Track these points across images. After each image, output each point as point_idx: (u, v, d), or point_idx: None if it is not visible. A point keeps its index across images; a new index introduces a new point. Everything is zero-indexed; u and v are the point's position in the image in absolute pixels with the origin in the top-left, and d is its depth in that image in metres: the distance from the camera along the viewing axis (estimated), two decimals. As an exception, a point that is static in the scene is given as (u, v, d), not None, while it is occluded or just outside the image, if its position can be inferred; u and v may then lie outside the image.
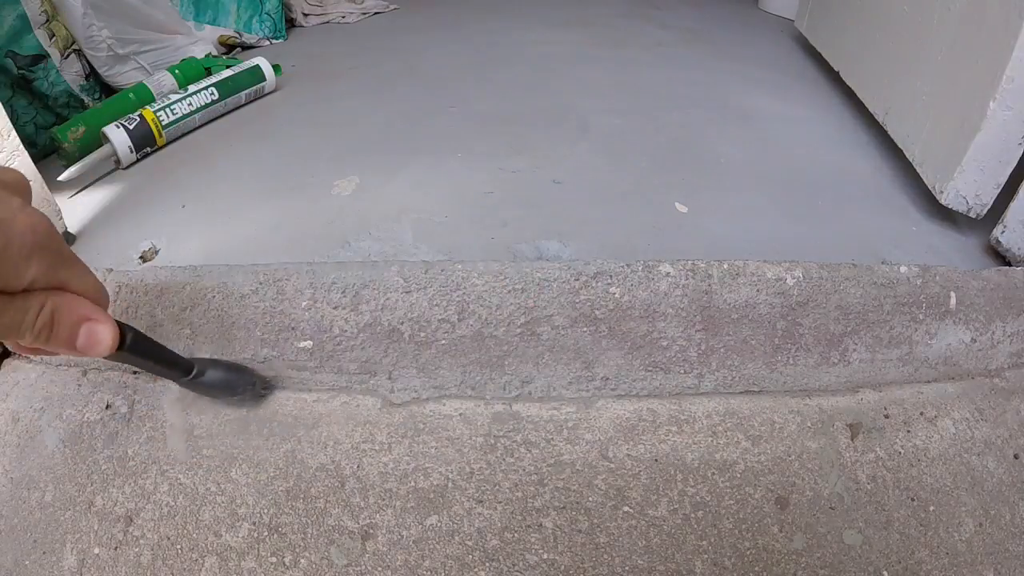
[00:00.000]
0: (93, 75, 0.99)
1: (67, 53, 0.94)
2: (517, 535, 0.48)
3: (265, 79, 1.03)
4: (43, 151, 0.89)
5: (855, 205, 0.77)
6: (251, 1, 1.29)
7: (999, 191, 0.67)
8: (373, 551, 0.47)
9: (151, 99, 0.94)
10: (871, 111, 0.91)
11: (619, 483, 0.50)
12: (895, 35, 0.85)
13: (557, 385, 0.55)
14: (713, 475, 0.51)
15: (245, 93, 1.01)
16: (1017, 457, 0.55)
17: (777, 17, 1.57)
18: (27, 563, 0.48)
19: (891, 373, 0.58)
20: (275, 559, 0.47)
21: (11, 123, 0.62)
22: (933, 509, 0.51)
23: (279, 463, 0.52)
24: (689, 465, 0.52)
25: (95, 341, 0.34)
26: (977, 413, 0.57)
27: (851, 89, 0.99)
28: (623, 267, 0.54)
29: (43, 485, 0.52)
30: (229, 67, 1.00)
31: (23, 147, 0.63)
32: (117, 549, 0.48)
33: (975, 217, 0.69)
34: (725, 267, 0.54)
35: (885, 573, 0.48)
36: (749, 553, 0.48)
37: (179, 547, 0.48)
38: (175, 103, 0.90)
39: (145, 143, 0.86)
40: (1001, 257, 0.70)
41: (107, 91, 1.02)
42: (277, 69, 1.06)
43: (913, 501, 0.51)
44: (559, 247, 0.67)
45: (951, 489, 0.52)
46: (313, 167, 0.82)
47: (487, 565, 0.47)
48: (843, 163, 0.86)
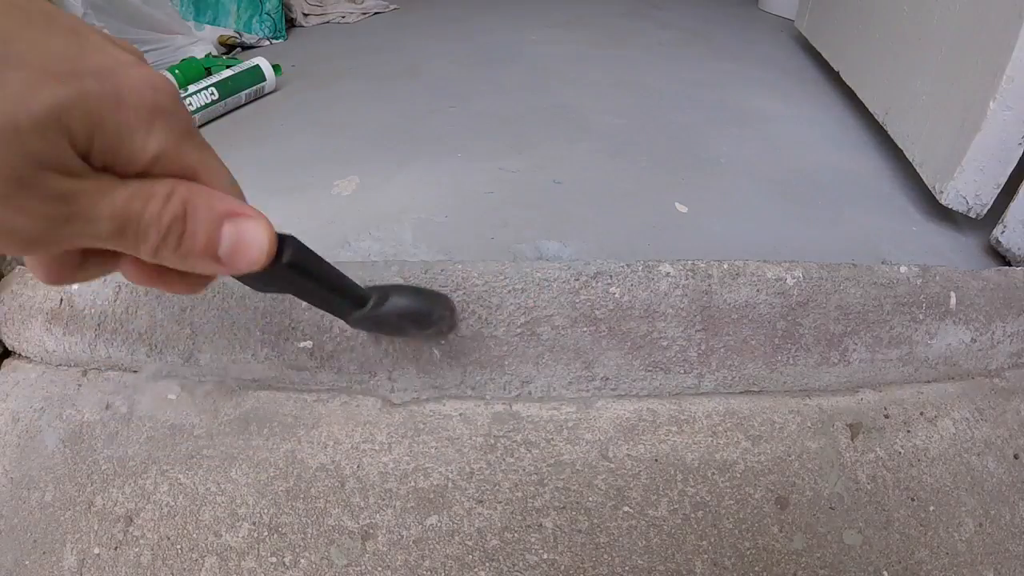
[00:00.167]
0: (93, 75, 0.99)
1: (67, 53, 0.94)
2: (517, 535, 0.48)
3: (265, 79, 1.03)
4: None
5: (855, 205, 0.77)
6: (251, 1, 1.29)
7: (999, 191, 0.67)
8: (373, 551, 0.47)
9: (151, 99, 0.94)
10: (871, 111, 0.91)
11: (619, 483, 0.50)
12: (895, 35, 0.85)
13: (557, 385, 0.55)
14: (713, 475, 0.51)
15: (245, 93, 1.00)
16: (1017, 457, 0.55)
17: (777, 17, 1.57)
18: (27, 563, 0.48)
19: (891, 373, 0.58)
20: (275, 559, 0.47)
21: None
22: (933, 509, 0.51)
23: (279, 463, 0.52)
24: (689, 465, 0.52)
25: (246, 246, 0.25)
26: (977, 413, 0.57)
27: (851, 89, 0.99)
28: (623, 267, 0.54)
29: (43, 485, 0.52)
30: (229, 67, 1.00)
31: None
32: (117, 549, 0.48)
33: (975, 217, 0.69)
34: (725, 267, 0.54)
35: (885, 573, 0.48)
36: (749, 553, 0.48)
37: (179, 547, 0.48)
38: (175, 103, 0.90)
39: (145, 143, 0.86)
40: (1001, 257, 0.70)
41: (107, 91, 1.02)
42: (277, 69, 1.06)
43: (913, 501, 0.51)
44: (559, 247, 0.67)
45: (951, 489, 0.52)
46: (313, 167, 0.82)
47: (487, 565, 0.47)
48: (843, 163, 0.86)
